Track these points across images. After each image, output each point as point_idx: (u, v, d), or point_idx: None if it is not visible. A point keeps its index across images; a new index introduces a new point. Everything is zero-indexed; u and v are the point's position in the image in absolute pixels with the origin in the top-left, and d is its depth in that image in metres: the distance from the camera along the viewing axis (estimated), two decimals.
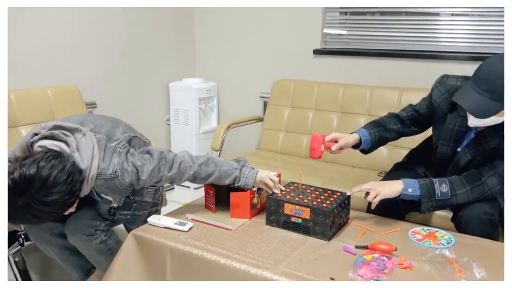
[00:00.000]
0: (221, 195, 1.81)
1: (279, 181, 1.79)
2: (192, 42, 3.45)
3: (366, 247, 1.48)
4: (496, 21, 2.48)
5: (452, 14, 2.60)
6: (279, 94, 3.00)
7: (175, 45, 3.33)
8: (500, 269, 1.37)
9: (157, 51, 3.20)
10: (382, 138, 1.86)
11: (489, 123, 1.55)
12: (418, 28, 2.71)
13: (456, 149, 1.73)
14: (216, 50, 3.41)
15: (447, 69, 2.60)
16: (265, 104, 3.13)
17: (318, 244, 1.53)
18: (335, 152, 1.79)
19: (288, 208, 1.62)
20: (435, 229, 1.64)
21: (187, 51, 3.44)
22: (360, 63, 2.88)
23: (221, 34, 3.36)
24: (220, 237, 1.57)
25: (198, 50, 3.48)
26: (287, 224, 1.63)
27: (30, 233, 1.81)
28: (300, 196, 1.67)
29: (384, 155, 2.58)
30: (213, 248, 1.49)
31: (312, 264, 1.40)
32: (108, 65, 2.87)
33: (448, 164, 1.75)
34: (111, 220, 1.78)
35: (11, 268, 2.00)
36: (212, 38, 3.41)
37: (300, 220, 1.60)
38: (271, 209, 1.66)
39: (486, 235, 1.58)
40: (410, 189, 1.62)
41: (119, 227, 1.92)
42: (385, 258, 1.40)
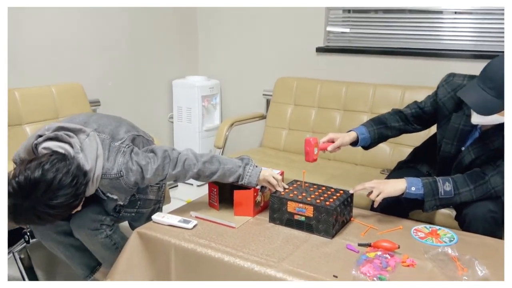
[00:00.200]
0: (225, 193, 1.82)
1: (282, 179, 1.80)
2: (195, 40, 3.46)
3: (369, 245, 1.49)
4: (500, 19, 2.48)
5: (456, 12, 2.60)
6: (282, 92, 3.00)
7: (178, 43, 3.34)
8: (503, 268, 1.38)
9: (160, 49, 3.21)
10: (382, 136, 1.87)
11: (492, 122, 1.56)
12: (422, 26, 2.71)
13: (460, 148, 1.73)
14: (219, 48, 3.41)
15: (450, 67, 2.60)
16: (268, 102, 3.14)
17: (321, 242, 1.54)
18: (331, 152, 1.81)
19: (291, 206, 1.63)
20: (438, 227, 1.65)
21: (190, 49, 3.45)
22: (363, 61, 2.88)
23: (224, 32, 3.36)
24: (224, 235, 1.58)
25: (201, 48, 3.49)
26: (290, 222, 1.64)
27: (36, 231, 1.82)
28: (303, 194, 1.68)
29: (387, 153, 2.58)
30: (217, 246, 1.50)
31: (315, 262, 1.41)
32: (112, 63, 2.88)
33: (452, 163, 1.76)
34: (116, 217, 1.80)
35: (17, 265, 2.02)
36: (215, 36, 3.41)
37: (303, 218, 1.61)
38: (275, 207, 1.67)
39: (490, 233, 1.58)
40: (413, 188, 1.63)
41: (123, 224, 1.94)
42: (388, 256, 1.41)
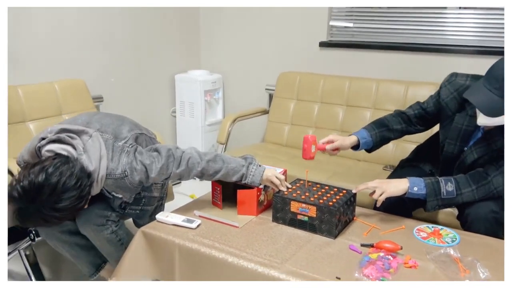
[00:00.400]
0: (228, 190, 1.83)
1: (285, 178, 1.81)
2: (197, 34, 3.44)
3: (372, 246, 1.50)
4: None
5: (460, 7, 2.58)
6: (285, 87, 2.99)
7: (181, 37, 3.33)
8: (504, 269, 1.39)
9: (163, 43, 3.20)
10: (385, 138, 1.87)
11: (498, 123, 1.54)
12: (425, 21, 2.69)
13: (463, 148, 1.73)
14: (222, 42, 3.40)
15: (454, 63, 2.60)
16: (271, 97, 3.14)
17: (324, 242, 1.55)
18: (331, 153, 1.82)
19: (295, 206, 1.64)
20: (440, 227, 1.66)
21: (193, 43, 3.43)
22: (366, 56, 2.86)
23: (227, 26, 3.34)
24: (228, 235, 1.59)
25: (204, 42, 3.47)
26: (294, 222, 1.65)
27: (41, 231, 1.84)
28: (307, 194, 1.68)
29: (390, 149, 2.58)
30: (221, 246, 1.51)
31: (318, 263, 1.42)
32: (114, 58, 2.88)
33: (454, 163, 1.76)
34: (122, 213, 1.81)
35: (22, 262, 2.04)
36: (218, 30, 3.39)
37: (307, 218, 1.62)
38: (278, 207, 1.68)
39: (492, 233, 1.59)
40: (416, 188, 1.63)
41: (128, 220, 1.95)
42: (390, 257, 1.42)
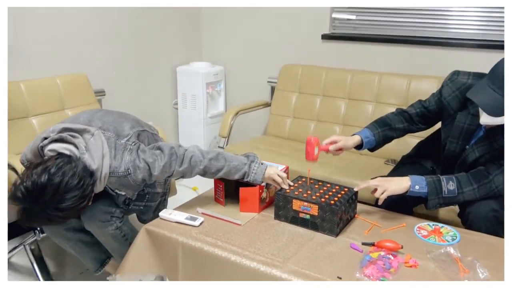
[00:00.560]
0: (230, 188, 1.84)
1: (287, 175, 1.82)
2: (199, 26, 3.42)
3: (373, 244, 1.51)
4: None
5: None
6: (287, 79, 2.99)
7: (182, 29, 3.31)
8: (503, 269, 1.41)
9: (164, 35, 3.18)
10: (387, 137, 1.88)
11: (501, 122, 1.53)
12: (428, 14, 2.67)
13: (465, 147, 1.73)
14: (224, 34, 3.38)
15: (457, 57, 2.59)
16: (273, 89, 3.13)
17: (326, 240, 1.57)
18: (334, 153, 1.82)
19: (297, 204, 1.65)
20: (441, 225, 1.67)
21: (194, 35, 3.41)
22: (369, 49, 2.85)
23: (229, 18, 3.32)
24: (230, 233, 1.61)
25: (205, 34, 3.45)
26: (295, 220, 1.66)
27: (45, 228, 1.86)
28: (308, 192, 1.69)
29: (391, 143, 2.46)
30: (224, 245, 1.52)
31: (320, 262, 1.43)
32: (116, 52, 2.87)
33: (456, 161, 1.77)
34: (126, 209, 1.83)
35: (28, 256, 2.07)
36: (219, 21, 3.37)
37: (308, 216, 1.63)
38: (280, 205, 1.69)
39: (492, 232, 1.60)
40: (417, 186, 1.64)
41: (131, 216, 1.97)
42: (391, 257, 1.43)
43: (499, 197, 1.64)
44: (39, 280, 2.02)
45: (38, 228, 1.86)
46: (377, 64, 2.79)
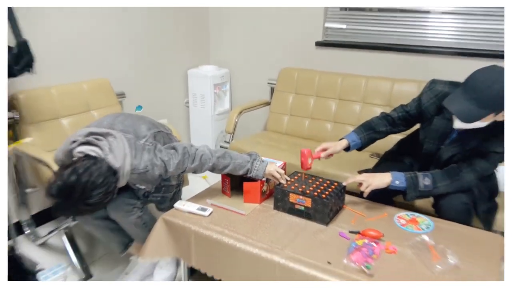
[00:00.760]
0: (235, 181, 1.87)
1: (285, 170, 1.85)
2: (207, 34, 3.41)
3: (358, 233, 1.55)
4: (481, 20, 2.43)
5: (442, 13, 2.54)
6: (285, 81, 2.99)
7: (192, 37, 3.30)
8: (471, 254, 1.44)
9: (177, 43, 3.18)
10: (372, 139, 1.90)
11: (472, 127, 1.57)
12: (411, 24, 2.65)
13: (440, 146, 1.75)
14: (229, 41, 3.37)
15: (435, 63, 2.59)
16: (272, 90, 3.13)
17: (318, 229, 1.60)
18: (326, 158, 1.86)
19: (293, 197, 1.68)
20: (417, 215, 1.70)
21: (203, 42, 3.41)
22: (358, 55, 2.84)
23: (233, 26, 3.31)
24: (236, 222, 1.64)
25: (213, 41, 3.44)
26: (292, 210, 1.70)
27: (76, 217, 1.90)
28: (303, 187, 1.72)
29: None
30: (230, 233, 1.56)
31: (313, 249, 1.47)
32: (134, 58, 2.87)
33: (432, 158, 1.79)
34: (145, 201, 1.87)
35: (62, 238, 2.11)
36: (225, 30, 3.36)
37: (303, 208, 1.66)
38: (278, 197, 1.73)
39: (462, 221, 1.64)
40: (398, 182, 1.67)
41: (150, 204, 2.01)
42: (374, 244, 1.46)
43: (468, 191, 1.67)
44: (72, 259, 2.06)
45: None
46: (364, 69, 2.79)
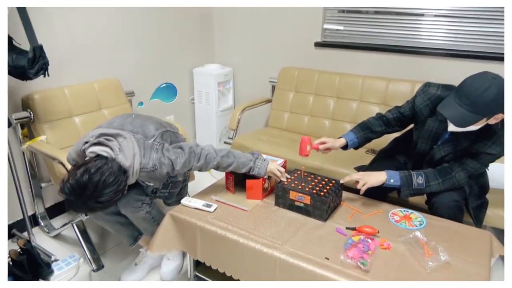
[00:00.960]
0: (239, 179, 1.86)
1: (285, 168, 1.84)
2: (212, 34, 3.37)
3: (354, 229, 1.54)
4: (473, 23, 2.39)
5: (436, 15, 2.49)
6: (285, 80, 2.96)
7: (198, 37, 3.26)
8: (462, 250, 1.44)
9: (183, 42, 3.14)
10: (368, 138, 1.88)
11: (465, 129, 1.55)
12: (405, 26, 2.61)
13: (433, 146, 1.74)
14: (232, 40, 3.33)
15: (428, 64, 2.55)
16: (273, 88, 3.10)
17: (316, 225, 1.59)
18: (323, 152, 1.83)
19: (293, 195, 1.67)
20: (410, 211, 1.69)
21: (208, 42, 3.36)
22: (355, 55, 2.81)
23: (237, 27, 3.27)
24: (239, 218, 1.63)
25: (217, 41, 3.40)
26: (292, 207, 1.69)
27: (89, 214, 1.89)
28: (303, 184, 1.71)
29: None
30: (233, 229, 1.55)
31: (312, 245, 1.46)
32: (142, 58, 2.84)
33: (425, 158, 1.77)
34: (153, 196, 1.86)
35: (74, 231, 2.11)
36: (229, 30, 3.32)
37: (302, 204, 1.65)
38: (279, 194, 1.72)
39: (453, 218, 1.63)
40: (392, 180, 1.66)
41: (159, 200, 2.00)
42: (369, 240, 1.46)
43: (460, 189, 1.66)
44: (84, 250, 2.07)
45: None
46: (361, 69, 2.75)
